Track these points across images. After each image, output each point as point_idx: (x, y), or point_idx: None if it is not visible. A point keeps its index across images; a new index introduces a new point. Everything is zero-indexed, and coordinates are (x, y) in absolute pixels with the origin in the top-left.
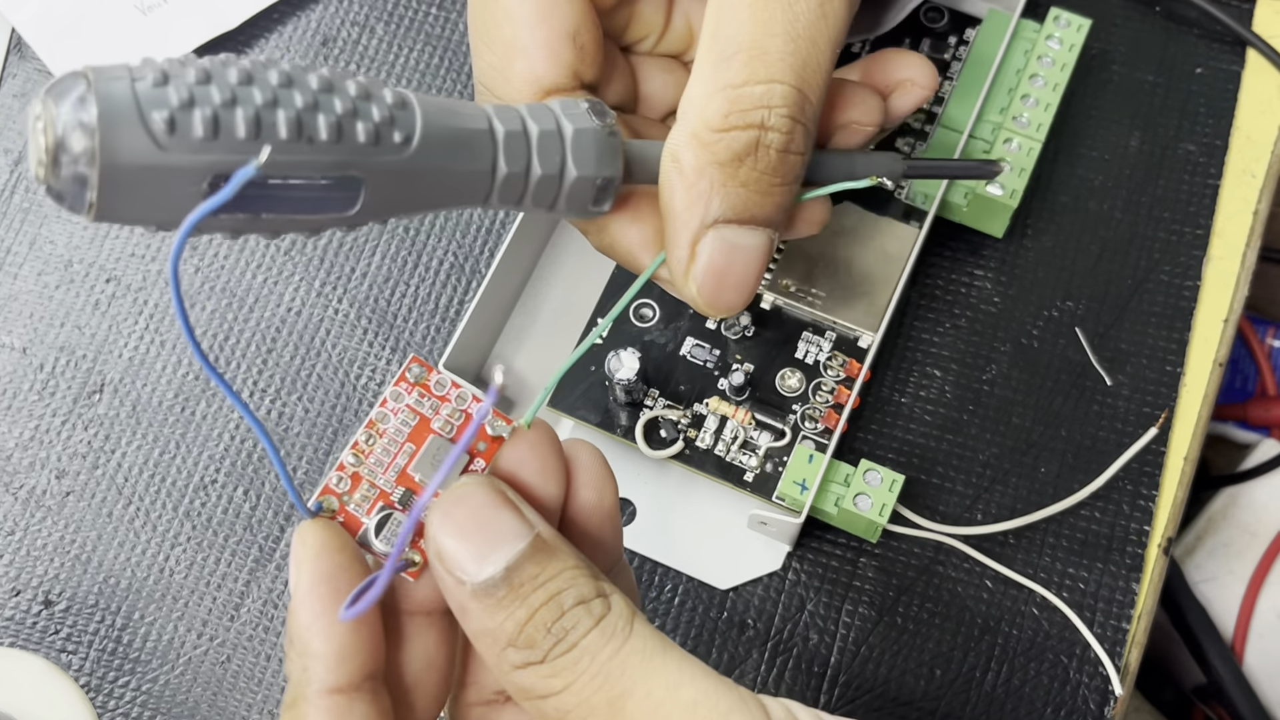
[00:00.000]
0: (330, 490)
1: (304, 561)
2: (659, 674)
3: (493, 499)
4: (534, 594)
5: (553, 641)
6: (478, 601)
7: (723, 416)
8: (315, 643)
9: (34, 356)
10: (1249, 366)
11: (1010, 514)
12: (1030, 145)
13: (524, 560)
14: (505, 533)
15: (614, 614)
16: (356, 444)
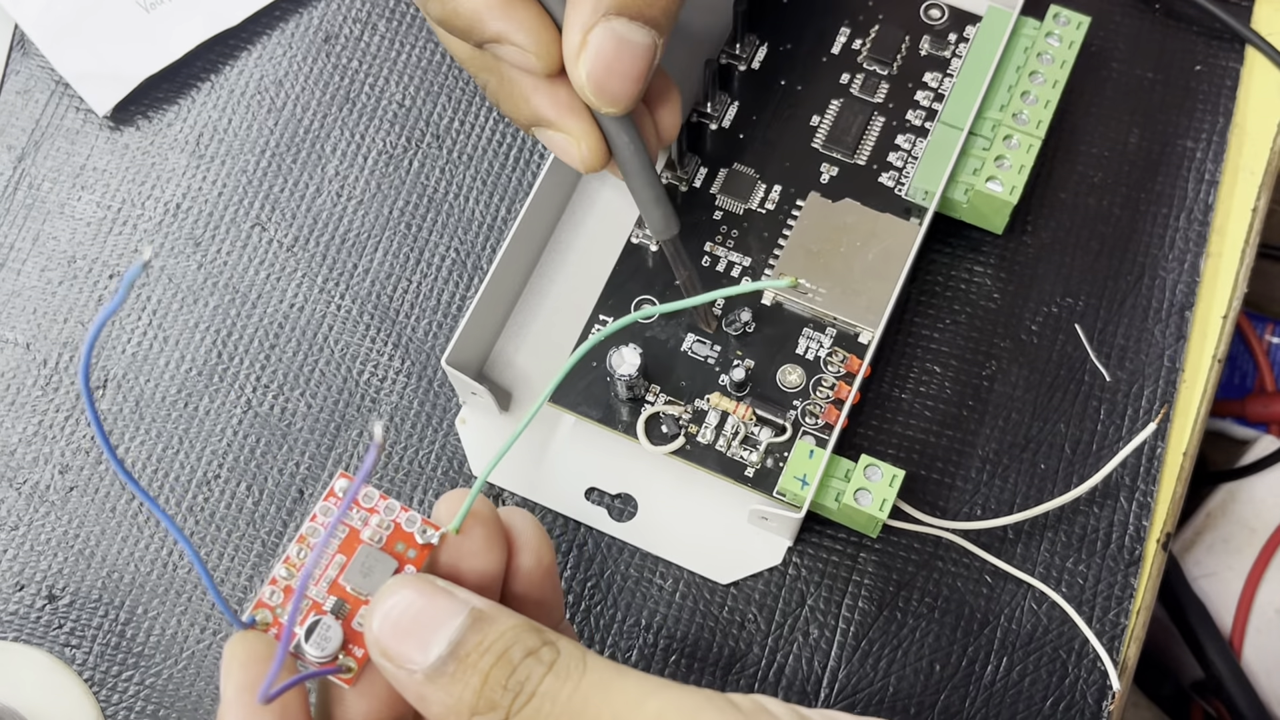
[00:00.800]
0: (264, 604)
1: (231, 671)
2: (620, 696)
3: (423, 589)
4: (482, 659)
5: (511, 696)
6: (432, 684)
7: (724, 412)
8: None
9: (37, 352)
10: (1247, 363)
11: (1009, 509)
12: (1030, 142)
13: (466, 633)
14: (441, 616)
15: (564, 656)
16: (288, 558)
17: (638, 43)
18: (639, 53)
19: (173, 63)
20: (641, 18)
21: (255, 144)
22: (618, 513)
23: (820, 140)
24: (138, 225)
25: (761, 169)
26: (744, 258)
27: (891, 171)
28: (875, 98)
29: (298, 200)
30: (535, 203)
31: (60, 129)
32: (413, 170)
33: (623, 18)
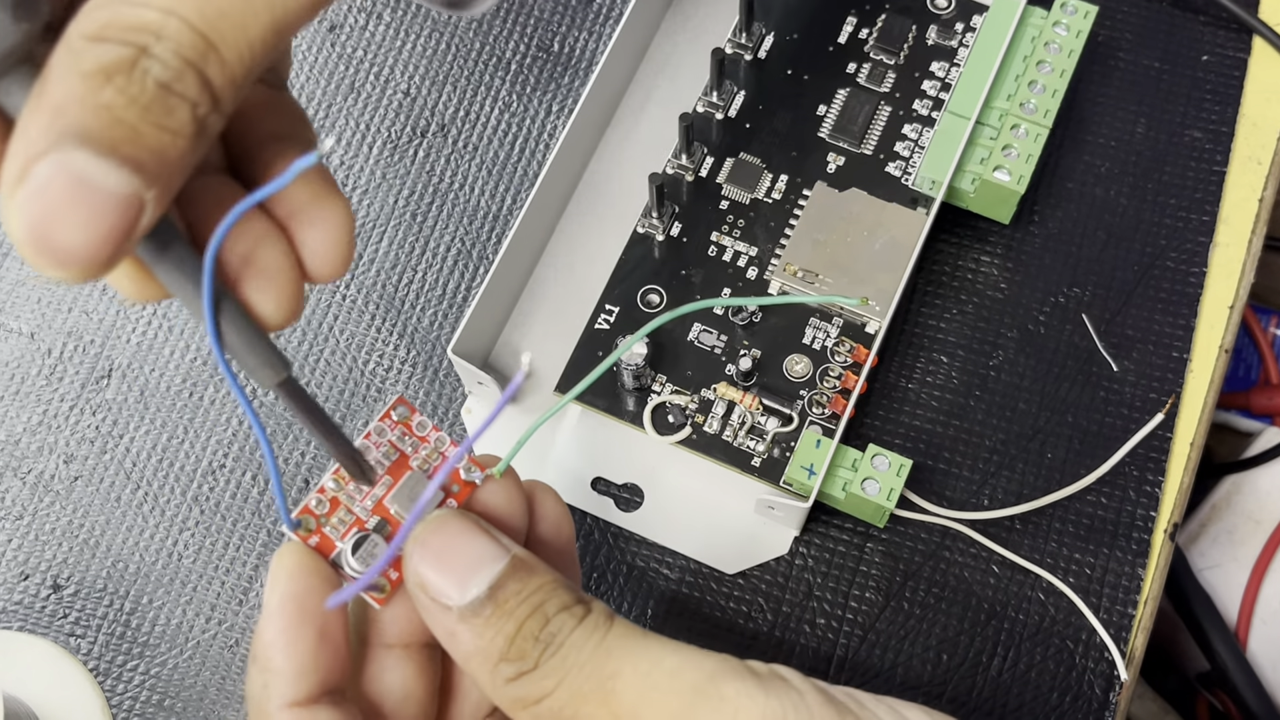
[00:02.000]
0: (310, 511)
1: (278, 581)
2: (643, 653)
3: (467, 527)
4: (519, 608)
5: (541, 648)
6: (465, 624)
7: (730, 402)
8: (277, 659)
9: (42, 342)
10: (1252, 355)
11: (1016, 499)
12: (1037, 131)
13: (505, 579)
14: (484, 556)
15: (595, 614)
16: (338, 470)
17: (107, 190)
18: (106, 204)
19: None
20: (117, 155)
21: None
22: (624, 503)
23: (827, 130)
24: None
25: (768, 158)
26: (750, 247)
27: (898, 161)
28: (882, 87)
29: None
30: (541, 193)
31: None
32: (418, 160)
33: (87, 151)
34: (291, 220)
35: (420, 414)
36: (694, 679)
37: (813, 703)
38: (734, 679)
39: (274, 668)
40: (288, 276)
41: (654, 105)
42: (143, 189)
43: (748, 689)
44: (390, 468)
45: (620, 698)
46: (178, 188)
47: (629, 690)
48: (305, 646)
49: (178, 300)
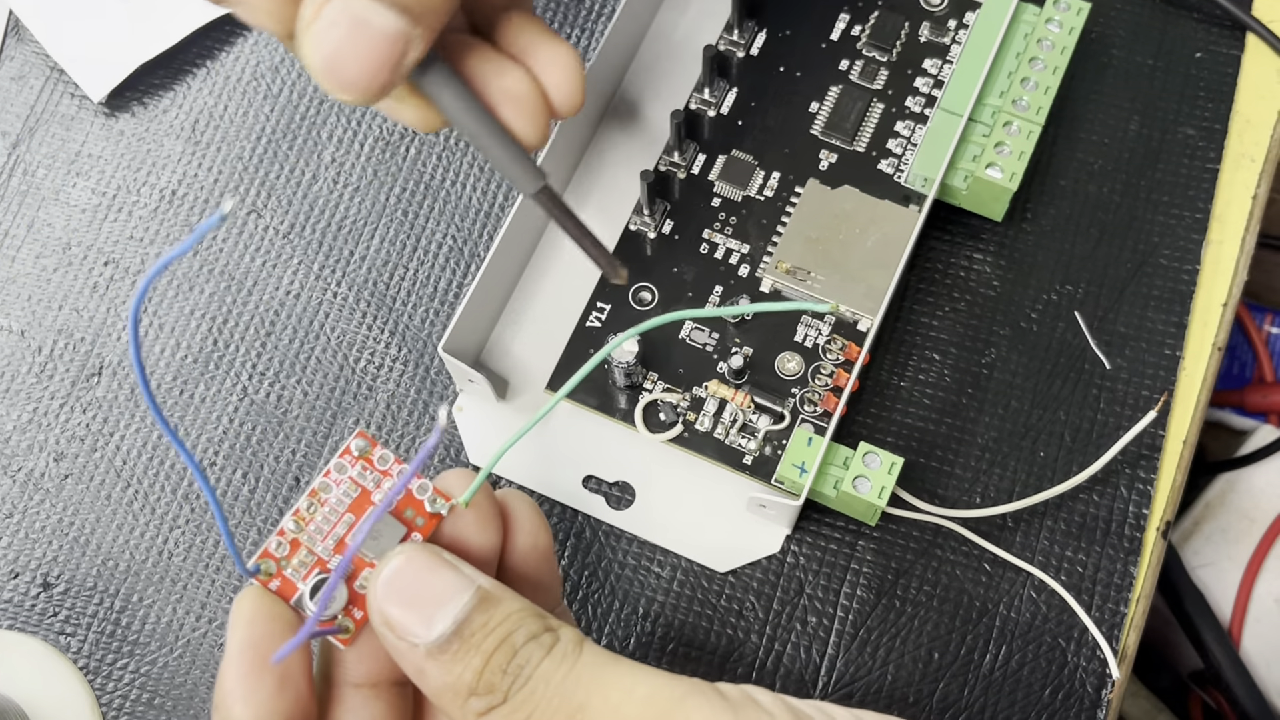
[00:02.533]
0: (270, 555)
1: (236, 627)
2: (613, 681)
3: (430, 562)
4: (485, 640)
5: (510, 680)
6: (433, 660)
7: (722, 399)
8: (235, 708)
9: (32, 339)
10: (1246, 353)
11: (1009, 497)
12: (1030, 128)
13: (471, 613)
14: (448, 590)
15: (563, 642)
16: (298, 511)
17: (380, 29)
18: (380, 42)
19: (169, 48)
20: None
21: (251, 130)
22: (615, 500)
23: (819, 127)
24: (133, 212)
25: (760, 156)
26: (742, 244)
27: (891, 158)
28: (874, 84)
29: (294, 187)
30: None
31: (55, 115)
32: (409, 157)
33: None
34: (527, 59)
35: (381, 447)
36: (664, 708)
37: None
38: (704, 706)
39: (233, 717)
40: (537, 103)
41: (646, 102)
42: (409, 28)
43: (716, 713)
44: (351, 504)
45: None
46: (439, 29)
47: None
48: (264, 695)
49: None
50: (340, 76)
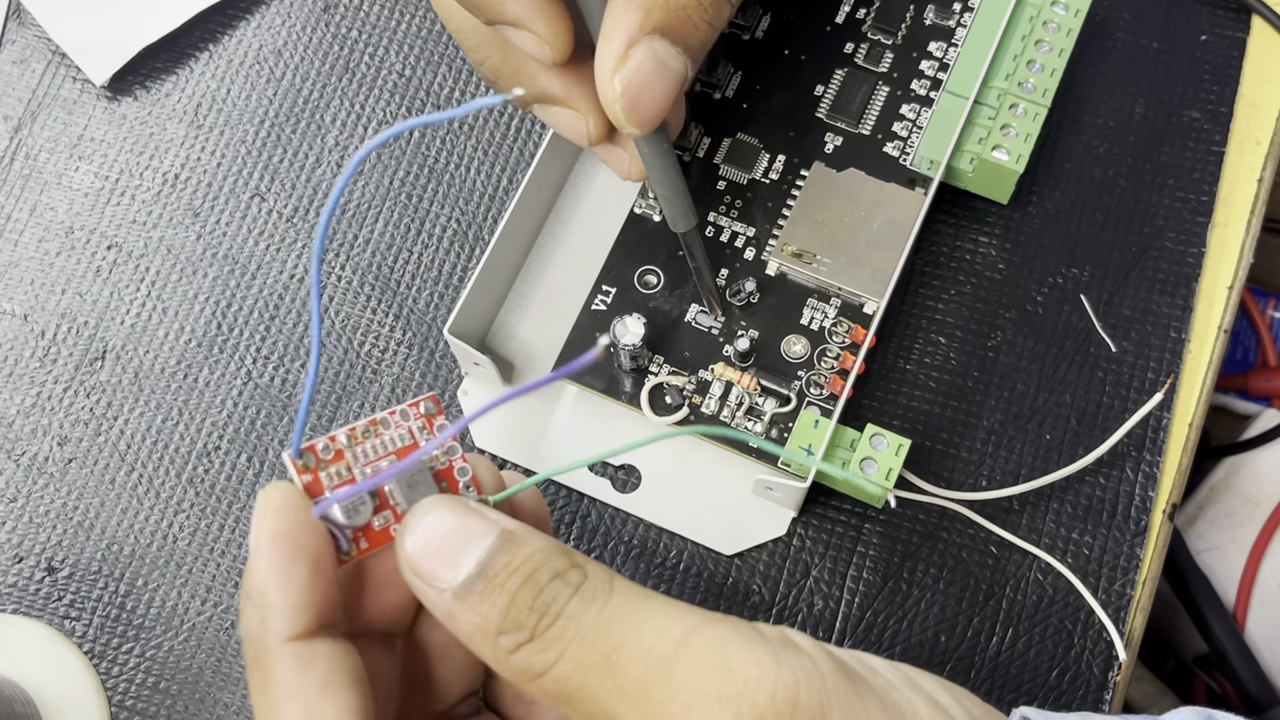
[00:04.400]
0: (314, 452)
1: (266, 518)
2: (647, 621)
3: (454, 508)
4: (510, 579)
5: (537, 617)
6: (460, 603)
7: (728, 382)
8: (272, 594)
9: (35, 323)
10: (1250, 338)
11: (1015, 480)
12: (1036, 111)
13: (495, 553)
14: (472, 534)
15: (591, 580)
16: (354, 430)
17: (674, 69)
18: (672, 79)
19: (171, 32)
20: (682, 44)
21: (254, 114)
22: (621, 484)
23: (824, 110)
24: (135, 196)
25: (765, 139)
26: (748, 228)
27: (896, 141)
28: (880, 67)
29: (297, 171)
30: (537, 173)
31: (57, 99)
32: (413, 141)
33: (665, 40)
34: None
35: (445, 418)
36: (701, 647)
37: (826, 670)
38: (744, 646)
39: (270, 603)
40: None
41: None
42: (690, 66)
43: (758, 658)
44: (399, 450)
45: (626, 670)
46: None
47: (635, 662)
48: (300, 581)
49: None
50: (640, 112)
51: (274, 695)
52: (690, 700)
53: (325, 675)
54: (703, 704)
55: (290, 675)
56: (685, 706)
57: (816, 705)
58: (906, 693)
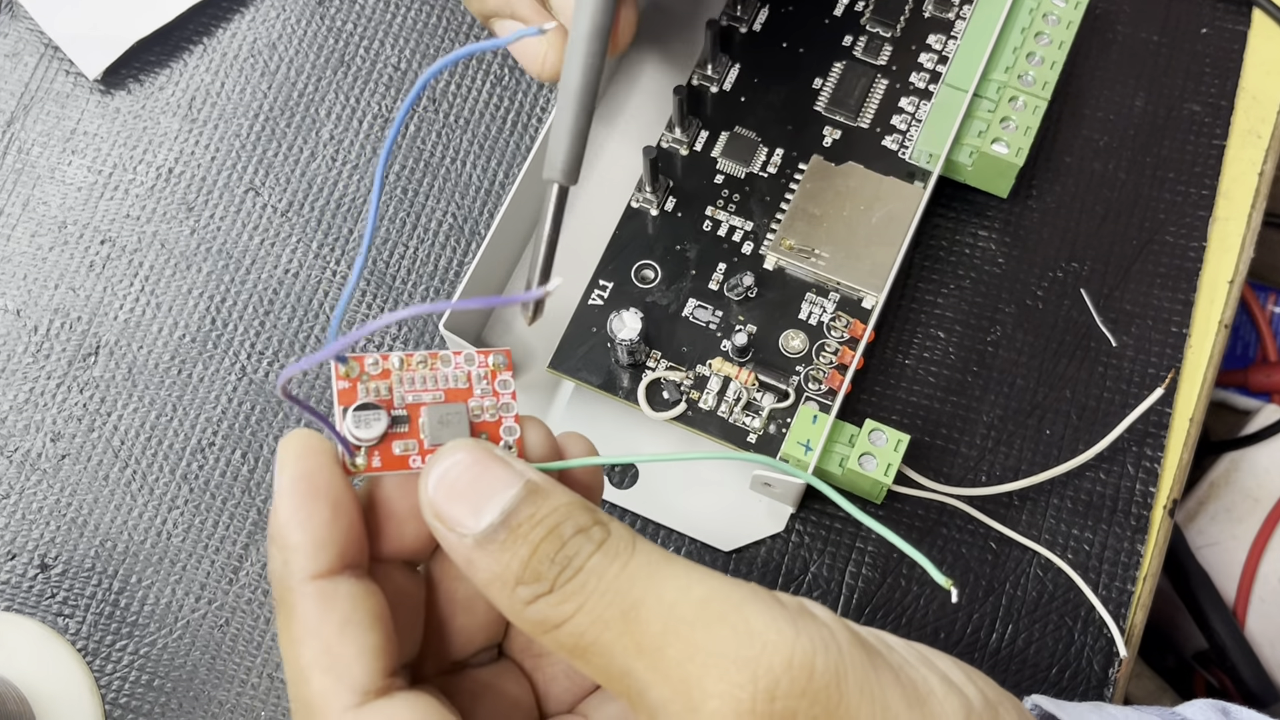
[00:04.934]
0: (360, 362)
1: (287, 462)
2: (668, 580)
3: (480, 456)
4: (533, 531)
5: (558, 570)
6: (481, 550)
7: (725, 378)
8: (294, 535)
9: (28, 319)
10: (1250, 333)
11: (1015, 475)
12: (1036, 104)
13: (519, 504)
14: (497, 484)
15: (614, 537)
16: (409, 355)
17: None
18: None
19: (164, 25)
20: None
21: (249, 108)
22: (618, 480)
23: (823, 103)
24: (129, 190)
25: (763, 132)
26: (746, 222)
27: (895, 134)
28: (878, 60)
29: (292, 165)
30: (533, 167)
31: (50, 93)
32: (409, 134)
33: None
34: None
35: (509, 374)
36: (721, 609)
37: (843, 641)
38: (763, 612)
39: (292, 543)
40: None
41: (648, 79)
42: None
43: (777, 624)
44: (450, 391)
45: (645, 628)
46: None
47: (654, 620)
48: (320, 521)
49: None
50: None
51: (296, 633)
52: (707, 660)
53: (346, 613)
54: (719, 664)
55: (312, 613)
56: (702, 666)
57: (832, 673)
58: (921, 669)
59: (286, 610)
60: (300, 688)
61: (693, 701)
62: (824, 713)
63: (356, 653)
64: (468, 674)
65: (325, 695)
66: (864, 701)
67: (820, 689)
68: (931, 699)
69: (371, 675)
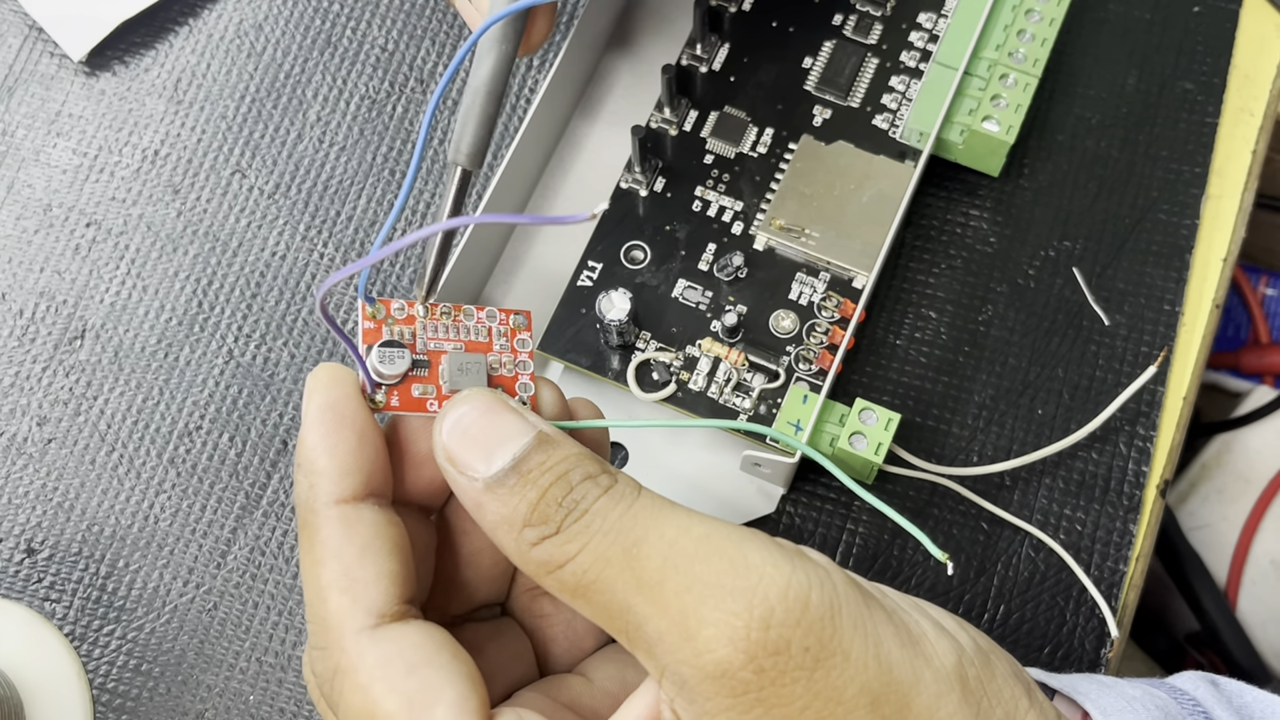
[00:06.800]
0: (386, 305)
1: (315, 392)
2: (670, 520)
3: (494, 405)
4: (542, 477)
5: (564, 513)
6: (490, 494)
7: (716, 358)
8: (320, 460)
9: (13, 302)
10: (1241, 315)
11: (1006, 455)
12: (1026, 81)
13: (530, 452)
14: (510, 432)
15: (621, 484)
16: (436, 305)
17: None
18: None
19: (150, 6)
20: None
21: (235, 89)
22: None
23: (813, 82)
24: (115, 172)
25: (753, 112)
26: (736, 202)
27: (885, 113)
28: (868, 39)
29: (279, 146)
30: (521, 148)
31: (34, 74)
32: (396, 115)
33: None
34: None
35: (528, 335)
36: (720, 545)
37: (838, 580)
38: (761, 549)
39: (318, 469)
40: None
41: (637, 58)
42: None
43: (774, 559)
44: (470, 343)
45: (645, 563)
46: None
47: (654, 555)
48: (346, 448)
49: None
50: None
51: (317, 554)
52: (704, 590)
53: (367, 538)
54: (716, 594)
55: (334, 536)
56: (699, 597)
57: (827, 608)
58: (915, 615)
59: (310, 534)
60: (318, 607)
61: (689, 630)
62: (817, 644)
63: (375, 576)
64: (470, 627)
65: (341, 614)
66: (857, 636)
67: (815, 620)
68: (924, 640)
69: (388, 599)
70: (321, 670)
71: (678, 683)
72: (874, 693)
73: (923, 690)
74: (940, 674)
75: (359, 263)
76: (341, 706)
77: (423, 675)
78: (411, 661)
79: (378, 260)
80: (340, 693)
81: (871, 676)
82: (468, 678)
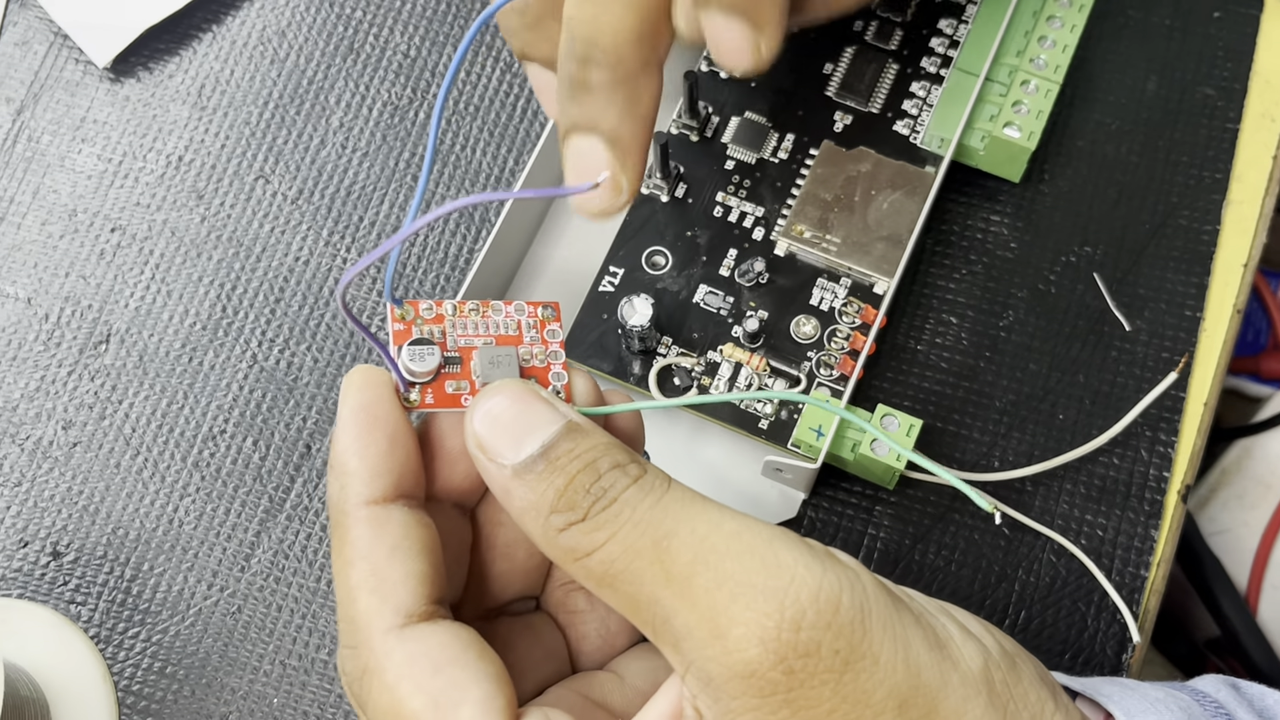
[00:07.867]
0: (415, 306)
1: (349, 394)
2: (701, 515)
3: (525, 394)
4: (570, 464)
5: (592, 500)
6: (519, 480)
7: (737, 363)
8: (351, 462)
9: (39, 307)
10: (1261, 320)
11: (1027, 461)
12: (1048, 87)
13: (558, 440)
14: (539, 420)
15: (650, 475)
16: (463, 303)
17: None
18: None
19: (174, 13)
20: None
21: (258, 95)
22: None
23: (834, 88)
24: (139, 178)
25: (774, 118)
26: (757, 208)
27: (906, 119)
28: (889, 45)
29: (302, 152)
30: (543, 154)
31: (60, 81)
32: (418, 122)
33: None
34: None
35: (558, 325)
36: (752, 543)
37: (868, 583)
38: (793, 548)
39: (349, 470)
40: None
41: None
42: None
43: (805, 560)
44: (500, 337)
45: (675, 556)
46: None
47: (684, 550)
48: (377, 450)
49: None
50: None
51: (348, 555)
52: (735, 589)
53: (397, 539)
54: (747, 593)
55: (364, 537)
56: (730, 595)
57: (858, 610)
58: (941, 618)
59: (341, 534)
60: (348, 607)
61: (719, 628)
62: (847, 646)
63: (403, 576)
64: (503, 620)
65: (370, 614)
66: (887, 639)
67: (845, 623)
68: (951, 644)
69: (416, 599)
70: (351, 669)
71: (703, 679)
72: (902, 696)
73: (950, 694)
74: (967, 677)
75: (373, 254)
76: (370, 705)
77: (449, 674)
78: (438, 661)
79: (396, 246)
80: (368, 691)
81: (900, 680)
82: (494, 677)
